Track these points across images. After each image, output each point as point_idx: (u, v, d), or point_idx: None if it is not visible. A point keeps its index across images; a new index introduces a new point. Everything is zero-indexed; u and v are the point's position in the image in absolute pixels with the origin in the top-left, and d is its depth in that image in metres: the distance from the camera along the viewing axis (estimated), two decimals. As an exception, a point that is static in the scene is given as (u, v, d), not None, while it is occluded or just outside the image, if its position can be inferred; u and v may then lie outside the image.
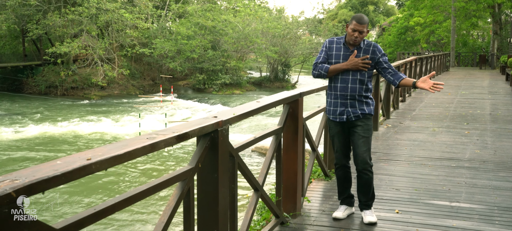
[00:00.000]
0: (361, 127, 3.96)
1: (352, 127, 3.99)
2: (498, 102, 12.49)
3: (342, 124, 4.02)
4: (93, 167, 1.85)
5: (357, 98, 3.92)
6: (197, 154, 2.72)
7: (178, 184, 2.59)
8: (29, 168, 1.70)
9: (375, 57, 3.93)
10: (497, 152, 6.87)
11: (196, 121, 2.80)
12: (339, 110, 3.98)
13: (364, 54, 3.91)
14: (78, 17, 30.05)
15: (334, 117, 4.02)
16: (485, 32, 37.85)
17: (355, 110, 3.94)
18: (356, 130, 3.96)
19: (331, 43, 4.01)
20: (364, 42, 3.95)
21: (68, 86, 31.37)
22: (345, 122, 3.99)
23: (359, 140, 3.95)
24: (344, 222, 4.18)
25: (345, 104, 3.95)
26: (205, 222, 2.83)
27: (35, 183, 1.61)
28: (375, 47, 3.95)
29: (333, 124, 4.07)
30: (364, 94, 3.94)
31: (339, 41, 4.00)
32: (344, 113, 3.96)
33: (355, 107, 3.94)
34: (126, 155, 2.03)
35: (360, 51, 3.91)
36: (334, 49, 3.97)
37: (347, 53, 3.92)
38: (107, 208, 2.00)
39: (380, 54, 3.94)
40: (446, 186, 5.19)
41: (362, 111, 3.94)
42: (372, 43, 3.97)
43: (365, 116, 3.96)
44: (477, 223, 4.14)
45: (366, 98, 3.96)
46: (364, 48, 3.92)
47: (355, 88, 3.90)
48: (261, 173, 3.74)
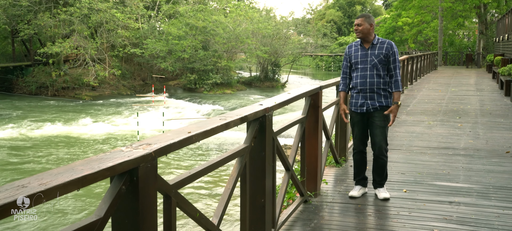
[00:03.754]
0: (378, 117, 4.54)
1: (371, 117, 4.57)
2: (486, 98, 13.20)
3: (362, 115, 4.59)
4: (194, 138, 2.39)
5: (375, 91, 4.49)
6: (250, 135, 3.27)
7: (237, 159, 3.14)
8: (155, 136, 2.23)
9: (388, 54, 4.49)
10: (488, 141, 7.50)
11: (247, 108, 3.35)
12: (360, 103, 4.55)
13: (378, 51, 4.48)
14: (69, 18, 30.29)
15: (356, 108, 4.60)
16: (471, 32, 38.91)
17: (373, 102, 4.51)
18: (374, 120, 4.55)
19: (350, 48, 4.64)
20: (378, 40, 4.52)
21: (59, 87, 31.55)
22: (365, 113, 4.56)
23: (376, 129, 4.54)
24: (360, 200, 4.75)
25: (365, 97, 4.53)
26: (254, 192, 3.37)
27: (165, 146, 2.14)
28: (389, 45, 4.52)
29: (354, 114, 4.64)
30: (382, 88, 4.51)
31: (357, 43, 4.61)
32: (364, 106, 4.54)
33: (374, 99, 4.51)
34: (212, 130, 2.58)
35: (374, 49, 4.49)
36: (353, 52, 4.59)
37: (362, 53, 4.51)
38: (198, 172, 2.54)
39: (392, 53, 4.50)
40: (445, 170, 5.78)
41: (380, 104, 4.52)
42: (386, 41, 4.54)
43: (383, 108, 4.54)
44: (475, 199, 4.73)
45: (384, 91, 4.53)
46: (378, 45, 4.50)
47: (373, 82, 4.47)
48: (290, 155, 4.29)
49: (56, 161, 13.48)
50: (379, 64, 4.47)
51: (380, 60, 4.47)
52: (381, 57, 4.47)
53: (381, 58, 4.47)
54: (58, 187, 1.56)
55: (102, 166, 1.78)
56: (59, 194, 1.56)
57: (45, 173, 1.66)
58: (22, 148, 15.42)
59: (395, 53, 4.54)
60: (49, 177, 1.61)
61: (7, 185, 1.53)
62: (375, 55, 4.48)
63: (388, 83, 4.57)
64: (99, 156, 1.93)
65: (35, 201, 1.48)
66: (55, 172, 1.67)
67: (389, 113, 4.56)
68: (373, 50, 4.50)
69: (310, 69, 58.99)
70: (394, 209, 4.46)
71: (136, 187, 1.98)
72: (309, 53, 47.05)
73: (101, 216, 1.84)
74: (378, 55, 4.48)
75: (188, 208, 2.48)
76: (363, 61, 4.51)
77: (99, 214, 1.85)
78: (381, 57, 4.47)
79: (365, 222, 4.21)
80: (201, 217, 2.60)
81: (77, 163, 1.80)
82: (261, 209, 3.40)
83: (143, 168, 1.99)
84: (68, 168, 1.74)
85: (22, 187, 1.51)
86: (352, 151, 4.94)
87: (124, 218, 2.00)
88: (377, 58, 4.47)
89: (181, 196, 2.39)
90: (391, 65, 4.53)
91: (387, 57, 4.51)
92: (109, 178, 1.93)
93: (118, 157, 1.92)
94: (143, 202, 2.01)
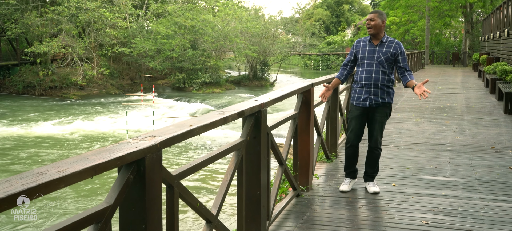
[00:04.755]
0: (379, 113, 4.70)
1: (372, 112, 4.71)
2: (472, 96, 13.46)
3: (363, 109, 4.72)
4: (195, 131, 2.50)
5: (379, 87, 4.63)
6: (246, 129, 3.39)
7: (234, 152, 3.25)
8: (160, 129, 2.34)
9: (396, 53, 4.63)
10: (474, 137, 7.70)
11: (243, 103, 3.48)
12: (363, 97, 4.68)
13: (386, 49, 4.61)
14: (57, 17, 30.14)
15: (358, 102, 4.73)
16: (458, 31, 39.42)
17: (377, 98, 4.65)
18: (375, 115, 4.70)
19: (358, 42, 4.77)
20: (387, 38, 4.66)
21: (47, 86, 31.38)
22: (367, 107, 4.70)
23: (376, 123, 4.70)
24: (350, 193, 4.89)
25: (369, 92, 4.66)
26: (250, 185, 3.49)
27: (169, 138, 2.25)
28: (397, 44, 4.67)
29: (355, 108, 4.77)
30: (386, 84, 4.64)
31: (365, 39, 4.75)
32: (367, 100, 4.67)
33: (377, 95, 4.65)
34: (212, 124, 2.69)
35: (382, 46, 4.63)
36: (360, 47, 4.72)
37: (370, 49, 4.64)
38: (199, 163, 2.66)
39: (400, 52, 4.64)
40: (433, 165, 5.95)
41: (382, 100, 4.66)
42: (395, 41, 4.70)
43: (385, 104, 4.69)
44: (461, 192, 4.90)
45: (388, 88, 4.67)
46: (387, 44, 4.64)
47: (378, 78, 4.60)
48: (283, 150, 4.42)
49: (43, 161, 13.47)
50: (386, 62, 4.61)
51: (387, 58, 4.61)
52: (388, 55, 4.61)
53: (388, 56, 4.61)
54: (74, 174, 1.66)
55: (113, 156, 1.89)
56: (75, 181, 1.67)
57: (61, 162, 1.77)
58: (8, 148, 15.39)
59: (404, 52, 4.70)
60: (65, 165, 1.72)
61: (27, 172, 1.63)
62: (382, 52, 4.62)
63: (392, 81, 4.71)
64: (109, 146, 2.04)
65: (54, 187, 1.59)
66: (70, 161, 1.78)
67: (390, 109, 4.77)
68: (381, 48, 4.64)
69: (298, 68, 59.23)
70: (384, 202, 4.61)
71: (143, 176, 2.09)
72: (298, 52, 47.24)
73: (111, 203, 1.95)
74: (385, 53, 4.62)
75: (189, 198, 2.59)
76: (370, 57, 4.64)
77: (109, 201, 1.96)
78: (388, 55, 4.61)
79: (356, 214, 4.35)
80: (201, 207, 2.72)
81: (89, 153, 1.91)
82: (257, 202, 3.52)
83: (150, 159, 2.10)
84: (81, 157, 1.85)
85: (41, 174, 1.61)
86: (342, 147, 5.08)
87: (131, 206, 2.10)
88: (384, 56, 4.61)
89: (183, 186, 2.50)
90: (401, 64, 4.65)
91: (394, 56, 4.64)
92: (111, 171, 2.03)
93: (127, 148, 2.02)
94: (150, 191, 2.12)
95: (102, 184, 10.21)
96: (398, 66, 4.68)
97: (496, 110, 10.69)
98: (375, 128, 4.76)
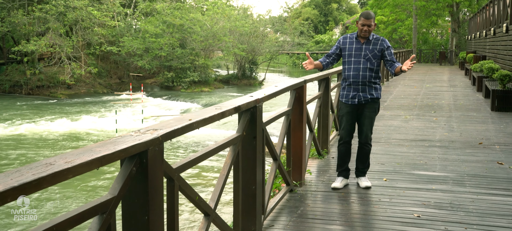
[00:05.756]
0: (368, 109, 4.78)
1: (361, 108, 4.79)
2: (459, 94, 13.64)
3: (352, 106, 4.79)
4: (194, 125, 2.55)
5: (367, 84, 4.71)
6: (242, 124, 3.44)
7: (231, 147, 3.30)
8: (163, 122, 2.38)
9: (383, 49, 4.72)
10: (462, 134, 7.83)
11: (239, 99, 3.52)
12: (352, 95, 4.76)
13: (373, 46, 4.69)
14: (44, 15, 29.90)
15: (347, 100, 4.80)
16: (444, 30, 39.80)
17: (365, 94, 4.73)
18: (364, 111, 4.78)
19: (344, 39, 4.83)
20: (373, 36, 4.74)
21: (34, 85, 31.11)
22: (356, 104, 4.77)
23: (365, 119, 4.79)
24: (342, 189, 4.96)
25: (357, 90, 4.73)
26: (246, 180, 3.54)
27: (170, 131, 2.30)
28: (383, 41, 4.77)
29: (344, 105, 4.85)
30: (373, 81, 4.73)
31: (352, 36, 4.81)
32: (356, 97, 4.75)
33: (366, 92, 4.73)
34: (210, 118, 2.74)
35: (369, 44, 4.71)
36: (347, 44, 4.78)
37: (357, 46, 4.72)
38: (198, 157, 2.70)
39: (386, 47, 4.74)
40: (422, 161, 6.06)
41: (371, 96, 4.75)
42: (381, 38, 4.79)
43: (373, 100, 4.77)
44: (451, 186, 5.00)
45: (375, 84, 4.76)
46: (373, 41, 4.72)
47: (366, 75, 4.69)
48: (277, 146, 4.47)
49: (30, 161, 13.38)
50: (373, 59, 4.70)
51: (375, 55, 4.70)
52: (375, 52, 4.70)
53: (375, 53, 4.70)
54: (82, 164, 1.70)
55: (117, 148, 1.93)
56: (82, 171, 1.70)
57: (68, 153, 1.80)
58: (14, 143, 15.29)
59: (390, 47, 4.80)
60: (73, 156, 1.76)
61: (36, 162, 1.66)
62: (369, 50, 4.70)
63: (379, 77, 4.79)
64: (112, 139, 2.08)
65: (62, 177, 1.62)
66: (77, 153, 1.81)
67: (378, 104, 4.86)
68: (367, 45, 4.73)
69: (287, 67, 59.38)
70: (376, 196, 4.69)
71: (145, 169, 2.13)
72: (286, 51, 47.34)
73: (115, 195, 1.99)
74: (372, 50, 4.70)
75: (188, 191, 2.64)
76: (357, 54, 4.72)
77: (113, 193, 2.00)
78: (375, 52, 4.70)
79: (349, 208, 4.42)
80: (200, 200, 2.76)
81: (94, 145, 1.94)
82: (253, 196, 3.57)
83: (152, 151, 2.14)
84: (86, 149, 1.88)
85: (50, 165, 1.65)
86: (333, 144, 5.16)
87: (134, 198, 2.14)
88: (371, 53, 4.70)
89: (183, 179, 2.55)
90: (388, 57, 4.74)
91: (381, 52, 4.73)
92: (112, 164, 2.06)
93: (130, 140, 2.06)
94: (152, 183, 2.16)
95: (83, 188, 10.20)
96: (386, 60, 4.76)
97: (483, 107, 10.85)
98: (364, 124, 4.84)
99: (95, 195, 9.62)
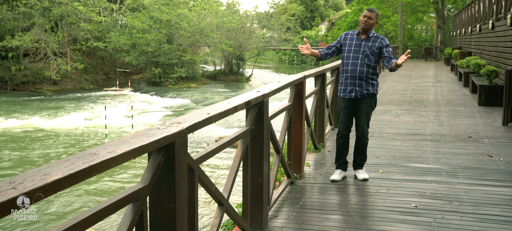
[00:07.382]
0: (365, 104, 4.94)
1: (358, 103, 4.94)
2: (446, 89, 13.93)
3: (349, 100, 4.95)
4: (212, 119, 2.68)
5: (364, 79, 4.86)
6: (250, 118, 3.57)
7: (241, 140, 3.43)
8: (186, 114, 2.50)
9: (381, 46, 4.88)
10: (452, 128, 8.05)
11: (247, 94, 3.66)
12: (349, 89, 4.91)
13: (372, 43, 4.85)
14: (29, 10, 29.62)
15: (344, 94, 4.96)
16: (429, 26, 40.32)
17: (362, 89, 4.89)
18: (361, 105, 4.94)
19: (346, 35, 5.00)
20: (373, 34, 4.90)
21: (19, 81, 30.81)
22: (353, 99, 4.93)
23: (362, 114, 4.95)
24: (341, 181, 5.12)
25: (354, 84, 4.89)
26: (254, 172, 3.68)
27: (193, 124, 2.42)
28: (382, 39, 4.93)
29: (342, 100, 5.00)
30: (370, 76, 4.89)
31: (353, 33, 4.98)
32: (353, 92, 4.90)
33: (362, 87, 4.88)
34: (225, 112, 2.87)
35: (368, 41, 4.87)
36: (348, 39, 4.94)
37: (357, 42, 4.87)
38: (214, 149, 2.83)
39: (385, 45, 4.89)
40: (416, 154, 6.25)
41: (367, 91, 4.90)
42: (380, 36, 4.96)
43: (370, 95, 4.93)
44: (445, 177, 5.19)
45: (372, 80, 4.92)
46: (372, 39, 4.88)
47: (363, 70, 4.84)
48: (280, 139, 4.61)
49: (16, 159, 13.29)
50: (371, 55, 4.86)
51: (373, 52, 4.86)
52: (373, 49, 4.86)
53: (373, 50, 4.86)
54: (123, 154, 1.82)
55: (150, 139, 2.05)
56: (123, 160, 1.82)
57: (107, 144, 1.92)
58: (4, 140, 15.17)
59: (388, 45, 4.95)
60: (113, 147, 1.87)
61: (81, 153, 1.78)
62: (368, 46, 4.86)
63: (376, 73, 4.96)
64: (142, 132, 2.19)
65: (107, 166, 1.74)
66: (115, 143, 1.93)
67: (375, 100, 5.01)
68: (367, 42, 4.89)
69: (273, 63, 59.58)
70: (374, 188, 4.86)
71: (172, 159, 2.25)
72: (273, 47, 47.51)
73: (147, 183, 2.12)
74: (371, 47, 4.86)
75: (206, 181, 2.76)
76: (356, 50, 4.88)
77: (144, 182, 2.13)
78: (373, 49, 4.86)
79: (349, 199, 4.59)
80: (215, 190, 2.89)
81: (128, 137, 2.06)
82: (260, 188, 3.71)
83: (179, 143, 2.27)
84: (122, 140, 2.00)
85: (95, 155, 1.76)
86: (329, 138, 5.31)
87: (161, 187, 2.26)
88: (369, 50, 4.85)
89: (201, 170, 2.67)
90: (386, 54, 4.89)
91: (379, 49, 4.89)
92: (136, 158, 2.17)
93: (159, 133, 2.18)
94: (178, 172, 2.28)
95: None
96: (384, 56, 4.93)
97: (470, 102, 11.13)
98: (361, 118, 5.01)
99: (90, 202, 9.67)
